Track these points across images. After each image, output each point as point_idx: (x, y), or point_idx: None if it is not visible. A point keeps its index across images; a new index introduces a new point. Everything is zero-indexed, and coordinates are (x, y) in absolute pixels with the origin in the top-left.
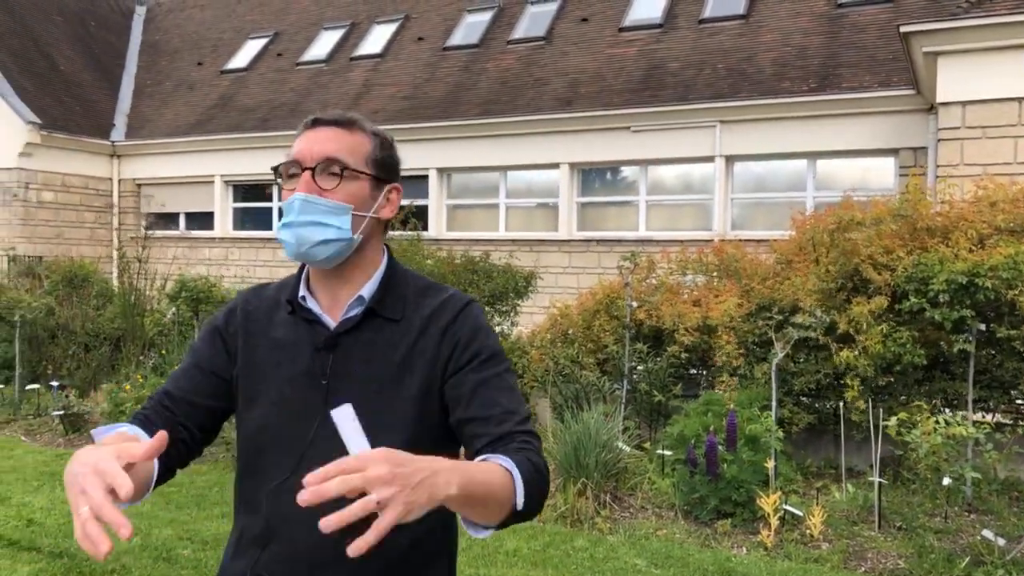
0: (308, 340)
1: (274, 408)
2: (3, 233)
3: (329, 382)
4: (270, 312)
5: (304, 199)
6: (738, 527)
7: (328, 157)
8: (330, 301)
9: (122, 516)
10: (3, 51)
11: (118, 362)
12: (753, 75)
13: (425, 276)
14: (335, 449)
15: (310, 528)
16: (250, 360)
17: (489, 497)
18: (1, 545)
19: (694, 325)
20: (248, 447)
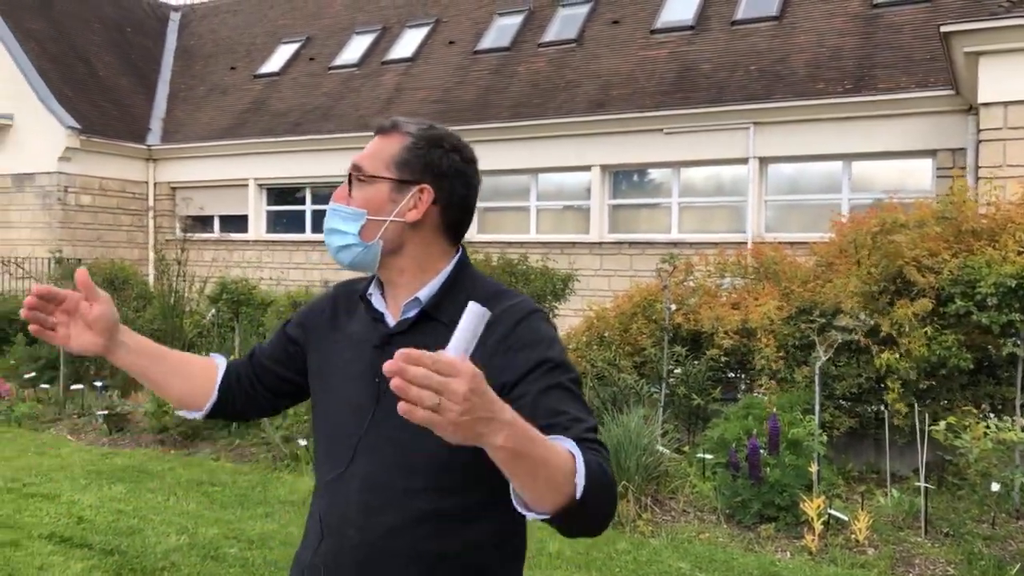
0: (371, 337)
1: (337, 401)
2: (43, 235)
3: (380, 381)
4: (352, 306)
5: (330, 208)
6: (781, 531)
7: (352, 165)
8: (390, 301)
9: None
10: (44, 58)
11: None
12: (787, 76)
13: (500, 283)
14: (384, 448)
15: (358, 525)
16: (327, 351)
17: (541, 468)
18: (53, 542)
19: (733, 328)
20: (318, 436)
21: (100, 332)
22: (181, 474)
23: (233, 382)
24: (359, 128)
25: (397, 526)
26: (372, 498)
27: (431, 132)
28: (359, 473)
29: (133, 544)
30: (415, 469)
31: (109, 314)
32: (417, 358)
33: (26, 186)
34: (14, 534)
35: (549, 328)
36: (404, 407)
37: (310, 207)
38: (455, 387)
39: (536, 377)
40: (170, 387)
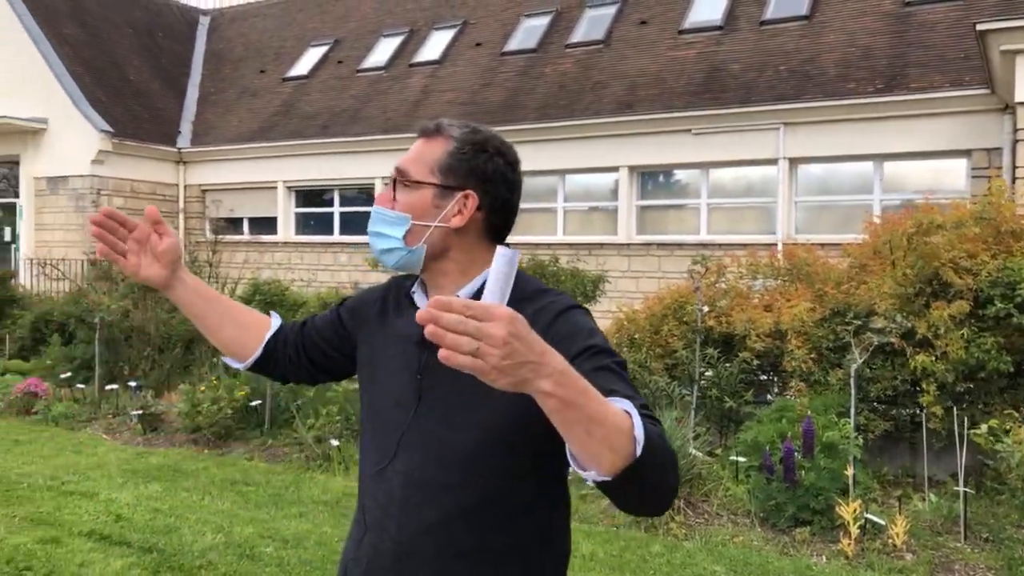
0: (415, 334)
1: (383, 395)
2: (76, 237)
3: (422, 378)
4: (401, 302)
5: (374, 211)
6: (817, 535)
7: (397, 168)
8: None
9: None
10: (78, 63)
11: (190, 363)
12: (817, 76)
13: (541, 282)
14: (426, 444)
15: (397, 521)
16: (376, 345)
17: (597, 425)
18: (93, 539)
19: (766, 330)
20: (365, 429)
21: (166, 265)
22: (215, 473)
23: (280, 344)
24: (387, 131)
25: (436, 522)
26: (412, 493)
27: (475, 136)
28: (400, 468)
29: (170, 542)
30: (455, 465)
31: (177, 247)
32: (447, 304)
33: (60, 189)
34: (55, 531)
35: (588, 320)
36: (444, 354)
37: (338, 209)
38: (492, 331)
39: (581, 362)
40: (221, 331)
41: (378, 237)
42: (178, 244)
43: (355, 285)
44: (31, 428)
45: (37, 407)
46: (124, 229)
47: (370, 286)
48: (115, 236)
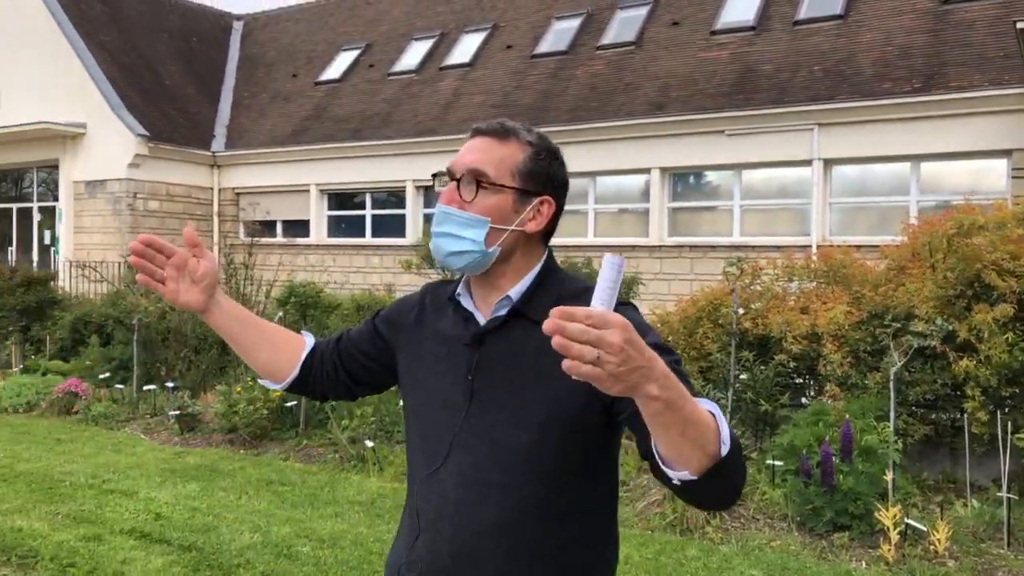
0: (463, 336)
1: (430, 398)
2: (114, 240)
3: (473, 379)
4: (442, 306)
5: (443, 210)
6: (856, 540)
7: (471, 168)
8: (480, 300)
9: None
10: (115, 68)
11: (226, 364)
12: (852, 76)
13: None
14: (479, 444)
15: (452, 521)
16: (417, 350)
17: (690, 426)
18: (134, 537)
19: (802, 333)
20: (410, 433)
21: (204, 289)
22: (251, 473)
23: (316, 362)
24: (418, 134)
25: (491, 522)
26: (466, 494)
27: (547, 142)
28: (453, 470)
29: (209, 541)
30: (510, 465)
31: (214, 271)
32: (571, 314)
33: (98, 192)
34: (97, 529)
35: (641, 318)
36: (568, 364)
37: (370, 212)
38: (611, 339)
39: None
40: (257, 354)
41: (449, 239)
42: (216, 267)
43: (388, 288)
44: (72, 427)
45: (78, 407)
46: (162, 256)
47: (403, 296)
48: (154, 263)
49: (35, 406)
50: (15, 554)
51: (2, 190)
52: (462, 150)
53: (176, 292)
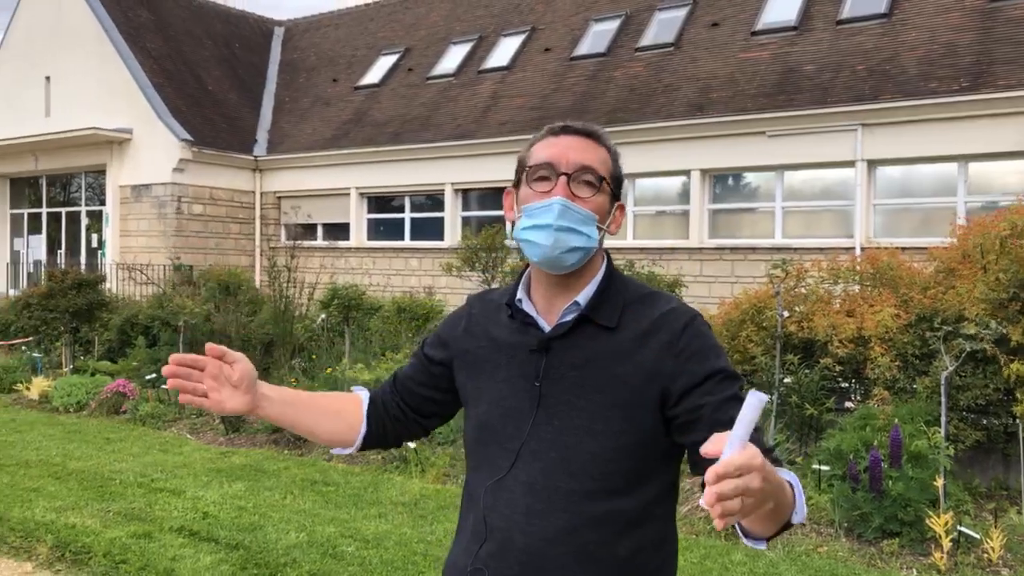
0: (525, 342)
1: (493, 407)
2: (159, 243)
3: (541, 385)
4: (493, 315)
5: (565, 204)
6: (906, 548)
7: (585, 166)
8: (546, 306)
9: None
10: (160, 75)
11: (269, 365)
12: (897, 76)
13: (649, 285)
14: (548, 451)
15: (522, 529)
16: (473, 360)
17: (781, 510)
18: (183, 535)
19: (849, 336)
20: (471, 443)
21: (246, 390)
22: (295, 473)
23: (380, 410)
24: (456, 137)
25: (563, 529)
26: (535, 501)
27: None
28: (522, 477)
29: (255, 540)
30: (579, 472)
31: (250, 372)
32: (724, 473)
33: (143, 196)
34: (147, 527)
35: (711, 333)
36: (719, 524)
37: (409, 215)
38: (754, 485)
39: (710, 388)
40: (319, 429)
41: (572, 234)
42: (251, 368)
43: (428, 290)
44: (120, 427)
45: (126, 406)
46: (197, 370)
47: (446, 316)
48: (191, 379)
49: (85, 406)
50: (69, 550)
51: (51, 195)
52: (559, 147)
53: (220, 402)
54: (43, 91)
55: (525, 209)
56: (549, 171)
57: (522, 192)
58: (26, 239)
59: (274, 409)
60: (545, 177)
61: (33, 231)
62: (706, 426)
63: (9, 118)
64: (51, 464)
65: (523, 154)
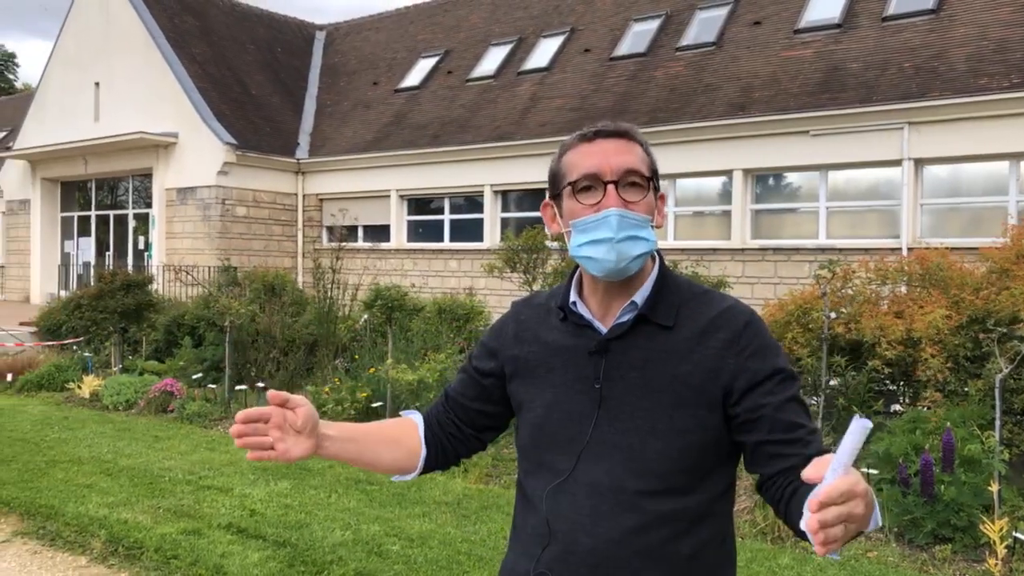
0: (581, 345)
1: (549, 411)
2: (203, 245)
3: (602, 386)
4: (542, 319)
5: (621, 214)
6: (959, 553)
7: (629, 169)
8: (602, 308)
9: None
10: (205, 80)
11: (313, 365)
12: (945, 73)
13: (702, 284)
14: (612, 452)
15: (587, 531)
16: (524, 367)
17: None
18: (231, 532)
19: (897, 338)
20: (527, 448)
21: (310, 435)
22: (340, 472)
23: (436, 430)
24: (496, 139)
25: (631, 529)
26: (601, 503)
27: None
28: (584, 480)
29: (302, 537)
30: (644, 472)
31: (312, 415)
32: (827, 501)
33: (188, 199)
34: (196, 523)
35: (769, 332)
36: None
37: (448, 217)
38: (857, 511)
39: (771, 388)
40: (381, 460)
41: (634, 242)
42: (313, 412)
43: (468, 291)
44: (168, 425)
45: (173, 405)
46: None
47: (490, 326)
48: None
49: (133, 404)
50: (122, 545)
51: (100, 198)
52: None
53: (287, 451)
54: (93, 96)
55: (576, 224)
56: (594, 181)
57: (567, 205)
58: (76, 241)
59: (335, 447)
60: (590, 188)
61: (82, 233)
62: (766, 426)
63: (61, 123)
64: (103, 461)
65: (555, 164)
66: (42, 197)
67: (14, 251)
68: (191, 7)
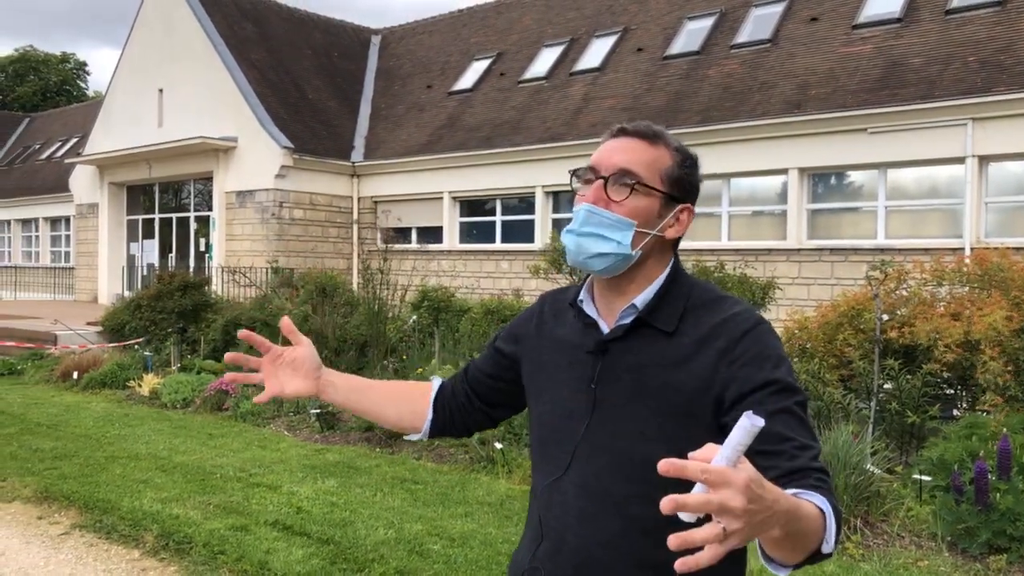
0: (585, 344)
1: (553, 406)
2: (261, 247)
3: (597, 388)
4: (562, 314)
5: (589, 210)
6: (1015, 564)
7: (622, 168)
8: (606, 307)
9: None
10: (263, 85)
11: (364, 365)
12: (1012, 67)
13: (719, 289)
14: (601, 455)
15: (575, 531)
16: (538, 358)
17: (800, 538)
18: (277, 529)
19: (955, 341)
20: (534, 441)
21: (306, 374)
22: (386, 471)
23: (448, 398)
24: (547, 140)
25: (616, 533)
26: (589, 505)
27: (691, 151)
28: (576, 480)
29: (345, 535)
30: (633, 476)
31: (311, 355)
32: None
33: (247, 202)
34: (244, 520)
35: (775, 342)
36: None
37: (500, 218)
38: (733, 504)
39: (761, 399)
40: (386, 413)
41: (595, 239)
42: (312, 351)
43: (516, 292)
44: (223, 423)
45: (228, 404)
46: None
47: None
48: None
49: (190, 402)
50: (173, 539)
51: (164, 201)
52: (607, 149)
53: (280, 386)
54: (156, 103)
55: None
56: (591, 174)
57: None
58: (140, 243)
59: (340, 395)
60: (588, 180)
61: (147, 236)
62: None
63: (127, 129)
64: (158, 457)
65: None
66: (109, 201)
67: (83, 253)
68: (250, 14)
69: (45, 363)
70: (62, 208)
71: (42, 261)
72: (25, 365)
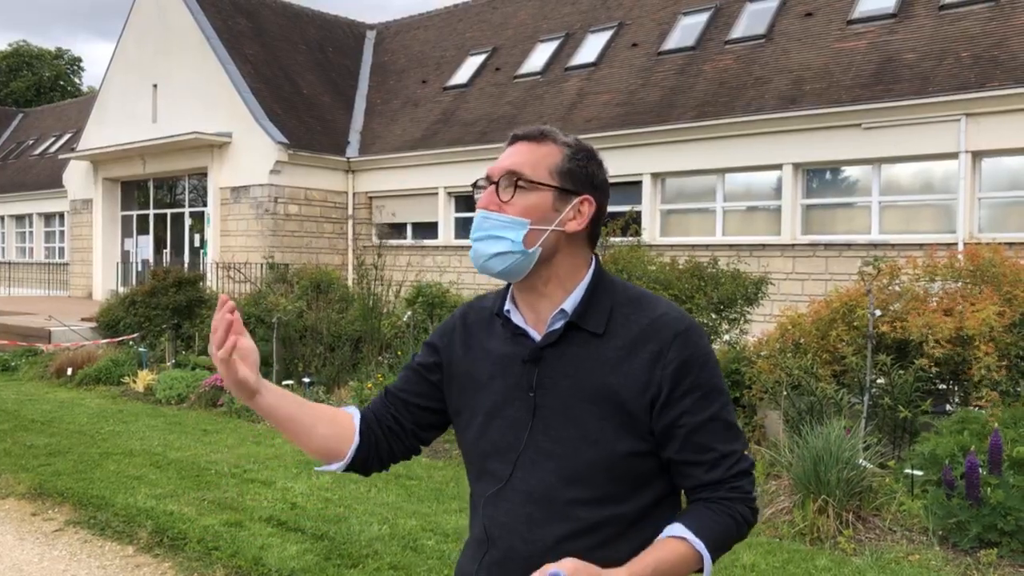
0: (517, 353)
1: (489, 418)
2: (256, 243)
3: (535, 395)
4: (487, 324)
5: (483, 215)
6: (1005, 559)
7: (508, 170)
8: (533, 314)
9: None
10: (259, 80)
11: (358, 361)
12: (1006, 62)
13: (638, 286)
14: (546, 461)
15: (523, 537)
16: (467, 371)
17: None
18: (271, 525)
19: (946, 336)
20: (470, 455)
21: (251, 366)
22: None
23: (373, 425)
24: None
25: (563, 537)
26: (535, 510)
27: (586, 144)
28: (520, 487)
29: (340, 531)
30: (576, 480)
31: (255, 350)
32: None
33: (242, 198)
34: (238, 516)
35: (703, 342)
36: None
37: None
38: None
39: (689, 405)
40: (314, 432)
41: (489, 241)
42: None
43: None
44: (217, 419)
45: (222, 400)
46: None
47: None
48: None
49: (185, 398)
50: (167, 535)
51: (158, 197)
52: (501, 157)
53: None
54: (151, 98)
55: None
56: (485, 182)
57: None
58: (135, 239)
59: (274, 400)
60: (483, 187)
61: (141, 232)
62: (676, 444)
63: (121, 124)
64: (153, 453)
65: None
66: (103, 196)
67: (78, 249)
68: (244, 9)
69: (39, 359)
70: (56, 204)
71: (36, 257)
72: (19, 361)
